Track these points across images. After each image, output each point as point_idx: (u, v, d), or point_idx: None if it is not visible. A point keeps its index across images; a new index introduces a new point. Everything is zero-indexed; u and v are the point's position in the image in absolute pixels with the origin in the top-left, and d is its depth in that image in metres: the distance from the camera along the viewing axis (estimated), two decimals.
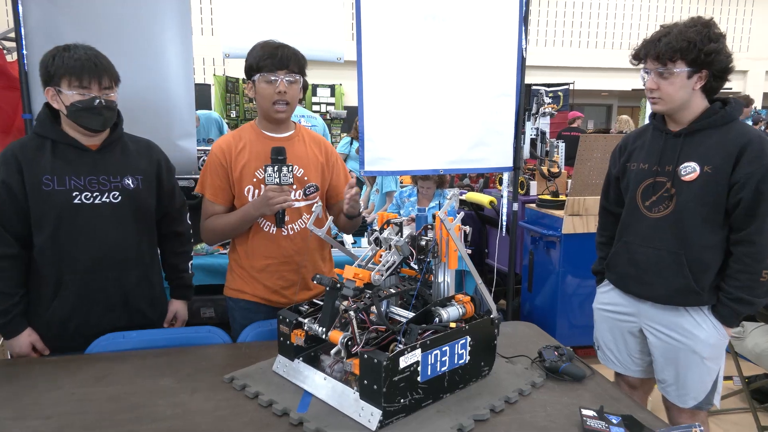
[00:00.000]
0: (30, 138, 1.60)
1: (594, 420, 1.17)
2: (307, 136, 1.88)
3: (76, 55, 1.53)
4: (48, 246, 1.56)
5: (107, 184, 1.62)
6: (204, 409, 1.23)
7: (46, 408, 1.23)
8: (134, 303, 1.69)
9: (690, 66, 1.56)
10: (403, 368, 1.16)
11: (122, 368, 1.43)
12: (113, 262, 1.63)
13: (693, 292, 1.64)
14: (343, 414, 1.19)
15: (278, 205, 1.63)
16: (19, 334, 1.56)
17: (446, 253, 1.36)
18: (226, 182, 1.76)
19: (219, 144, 1.80)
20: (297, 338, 1.35)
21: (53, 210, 1.55)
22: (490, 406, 1.25)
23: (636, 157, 1.77)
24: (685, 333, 1.67)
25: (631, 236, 1.76)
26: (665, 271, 1.67)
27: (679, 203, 1.64)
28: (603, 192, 1.96)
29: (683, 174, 1.63)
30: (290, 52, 1.72)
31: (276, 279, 1.80)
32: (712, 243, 1.63)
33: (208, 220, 1.79)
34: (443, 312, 1.30)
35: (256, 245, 1.79)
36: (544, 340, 1.65)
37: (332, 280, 1.27)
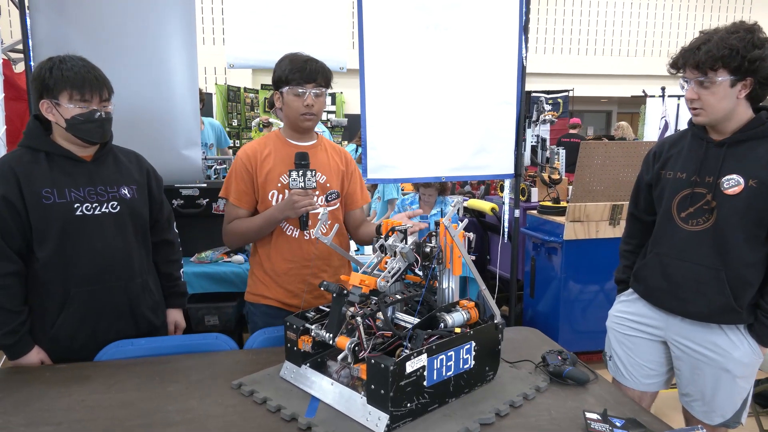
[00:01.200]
0: (22, 151, 1.57)
1: (598, 423, 1.18)
2: (328, 146, 1.96)
3: (75, 68, 1.52)
4: (53, 260, 1.56)
5: (105, 195, 1.63)
6: (213, 415, 1.25)
7: (57, 414, 1.25)
8: (139, 310, 1.71)
9: (733, 74, 1.47)
10: (410, 373, 1.17)
11: (131, 375, 1.44)
12: (118, 271, 1.64)
13: (732, 310, 1.56)
14: (351, 419, 1.21)
15: (303, 209, 1.68)
16: (28, 353, 1.56)
17: (450, 260, 1.38)
18: (250, 187, 1.82)
19: (245, 150, 1.85)
20: (304, 344, 1.37)
21: (56, 223, 1.55)
22: (495, 410, 1.26)
23: (672, 165, 1.69)
24: (719, 351, 1.61)
25: (665, 248, 1.68)
26: (704, 288, 1.59)
27: (721, 217, 1.55)
28: (632, 199, 1.88)
29: (726, 187, 1.54)
30: (318, 66, 1.79)
31: (297, 282, 1.84)
32: (754, 260, 1.55)
33: (231, 223, 1.84)
34: (448, 317, 1.32)
35: (278, 249, 1.84)
36: (548, 345, 1.66)
37: (339, 287, 1.29)
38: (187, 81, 2.70)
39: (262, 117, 6.41)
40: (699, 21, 11.15)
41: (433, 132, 2.84)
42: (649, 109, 6.77)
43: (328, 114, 10.21)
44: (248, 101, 8.62)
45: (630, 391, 1.83)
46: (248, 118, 8.75)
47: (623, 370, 1.85)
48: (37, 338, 1.59)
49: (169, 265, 1.88)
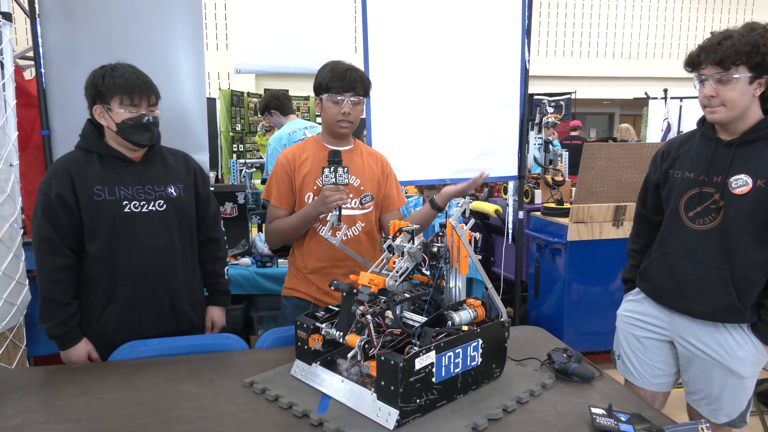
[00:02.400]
0: (77, 153, 1.68)
1: (603, 418, 1.21)
2: (364, 151, 2.02)
3: (125, 74, 1.62)
4: (102, 254, 1.63)
5: (152, 193, 1.70)
6: (227, 412, 1.28)
7: (75, 412, 1.28)
8: (181, 307, 1.76)
9: (752, 71, 1.48)
10: (419, 369, 1.20)
11: (145, 374, 1.48)
12: (162, 267, 1.71)
13: (737, 310, 1.58)
14: (361, 414, 1.24)
15: (335, 203, 1.71)
16: (77, 344, 1.63)
17: (457, 259, 1.41)
18: (289, 189, 1.90)
19: (285, 154, 1.93)
20: (314, 343, 1.40)
21: (106, 219, 1.63)
22: (502, 406, 1.29)
23: (680, 164, 1.70)
24: (724, 351, 1.62)
25: (671, 247, 1.70)
26: (709, 287, 1.61)
27: (728, 217, 1.56)
28: (640, 198, 1.89)
29: (734, 186, 1.55)
30: (357, 76, 1.84)
31: (328, 280, 1.86)
32: (760, 261, 1.56)
33: (272, 223, 1.92)
34: (455, 315, 1.35)
35: (311, 248, 1.91)
36: (553, 343, 1.69)
37: (349, 286, 1.32)
38: (194, 87, 2.73)
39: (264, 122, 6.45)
40: (701, 23, 11.18)
41: (438, 135, 2.88)
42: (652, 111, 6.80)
43: None
44: (252, 106, 8.68)
45: (642, 392, 1.84)
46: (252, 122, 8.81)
47: (632, 369, 1.87)
48: (85, 331, 1.66)
49: (214, 262, 1.93)
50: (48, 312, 1.61)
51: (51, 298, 1.61)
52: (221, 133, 7.59)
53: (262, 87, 9.59)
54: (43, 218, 1.60)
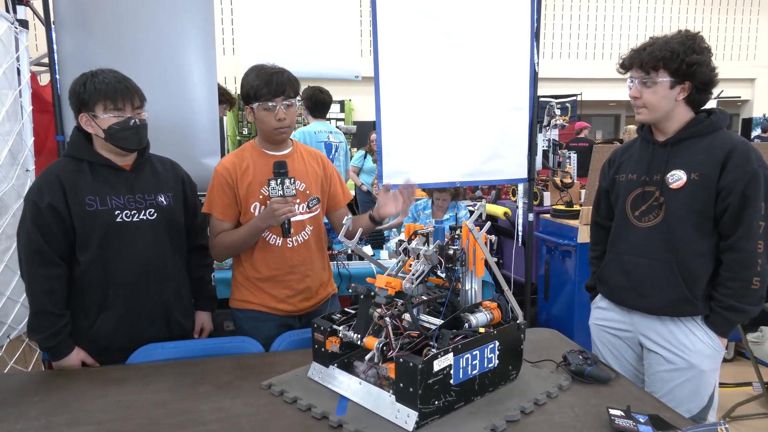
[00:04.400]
0: (66, 161, 1.65)
1: (622, 419, 1.21)
2: (304, 152, 1.96)
3: (105, 79, 1.59)
4: (94, 263, 1.62)
5: (143, 202, 1.69)
6: (246, 414, 1.29)
7: (95, 414, 1.29)
8: (173, 315, 1.77)
9: (672, 76, 1.58)
10: (437, 371, 1.21)
11: (163, 377, 1.49)
12: (154, 276, 1.70)
13: (687, 301, 1.63)
14: (380, 416, 1.25)
15: (283, 216, 1.68)
16: (69, 354, 1.62)
17: (473, 262, 1.42)
18: (233, 200, 1.82)
19: (223, 164, 1.84)
20: (332, 345, 1.41)
21: (98, 229, 1.62)
22: (520, 407, 1.29)
23: (624, 168, 1.79)
24: (681, 345, 1.65)
25: (623, 246, 1.76)
26: (659, 281, 1.66)
27: (669, 212, 1.65)
28: (594, 207, 1.97)
29: (671, 182, 1.64)
30: (284, 78, 1.77)
31: (282, 288, 1.86)
32: (703, 251, 1.63)
33: (217, 237, 1.83)
34: (472, 318, 1.35)
35: (261, 257, 1.84)
36: (567, 345, 1.69)
37: (368, 289, 1.33)
38: (206, 92, 2.76)
39: None
40: (706, 24, 11.14)
41: (447, 138, 2.89)
42: None
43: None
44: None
45: None
46: None
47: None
48: (77, 339, 1.65)
49: (201, 269, 1.94)
50: (40, 324, 1.59)
51: (43, 310, 1.58)
52: (228, 138, 7.62)
53: None
54: (34, 228, 1.56)
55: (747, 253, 1.56)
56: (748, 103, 11.78)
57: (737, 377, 3.28)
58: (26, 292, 1.61)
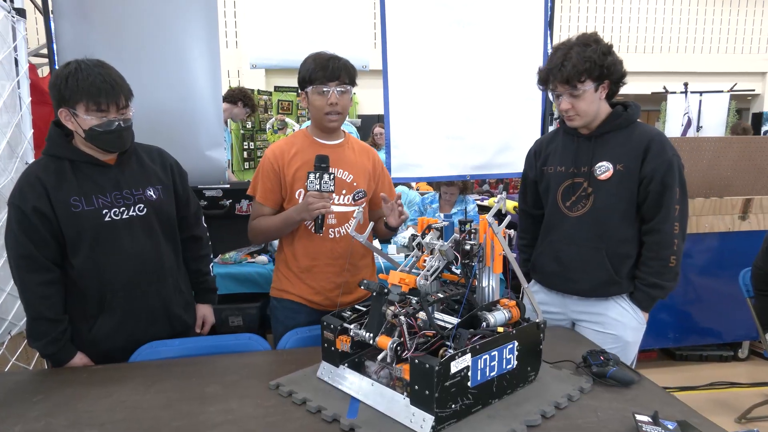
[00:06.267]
0: (46, 160, 1.55)
1: (650, 426, 1.15)
2: (356, 145, 1.95)
3: (90, 77, 1.46)
4: (87, 266, 1.55)
5: (131, 198, 1.61)
6: (255, 416, 1.23)
7: (99, 415, 1.24)
8: (173, 311, 1.71)
9: (595, 81, 1.69)
10: (454, 373, 1.15)
11: (168, 376, 1.44)
12: (150, 273, 1.64)
13: (614, 282, 1.77)
14: (394, 420, 1.19)
15: (317, 211, 1.67)
16: (71, 359, 1.57)
17: (491, 257, 1.36)
18: (276, 186, 1.83)
19: (272, 149, 1.86)
20: (342, 344, 1.35)
21: (87, 231, 1.54)
22: (540, 411, 1.23)
23: (552, 160, 1.88)
24: (609, 320, 1.81)
25: (556, 236, 1.86)
26: (588, 266, 1.79)
27: (597, 201, 1.76)
28: (521, 196, 2.06)
29: (599, 173, 1.75)
30: (341, 64, 1.78)
31: (320, 280, 1.85)
32: (629, 236, 1.76)
33: (255, 220, 1.85)
34: (490, 316, 1.29)
35: (302, 247, 1.85)
36: (586, 345, 1.63)
37: (380, 286, 1.27)
38: (209, 83, 2.70)
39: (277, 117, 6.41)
40: (718, 16, 10.97)
41: (458, 129, 2.82)
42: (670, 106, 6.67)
43: None
44: (262, 103, 8.64)
45: None
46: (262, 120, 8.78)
47: None
48: (76, 343, 1.59)
49: (198, 261, 1.87)
50: (38, 331, 1.53)
51: (40, 316, 1.52)
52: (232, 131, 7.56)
53: (272, 84, 9.55)
54: (21, 234, 1.48)
55: (665, 234, 1.71)
56: (758, 97, 11.61)
57: (753, 377, 3.22)
58: (20, 299, 1.54)
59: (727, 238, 3.30)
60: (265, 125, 8.80)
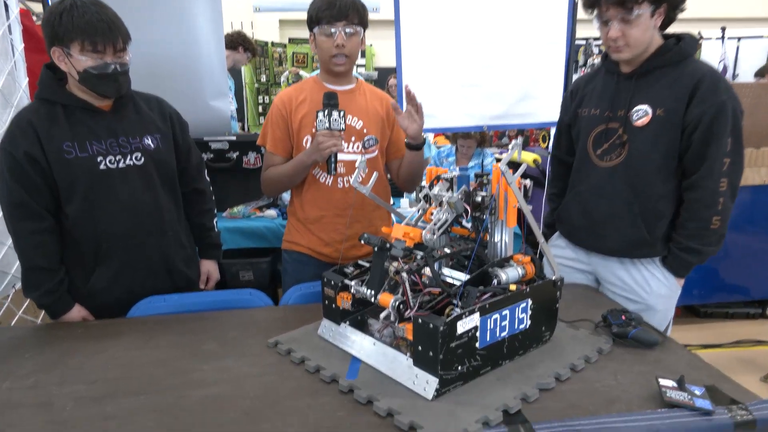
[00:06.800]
0: (38, 104, 1.48)
1: (674, 391, 1.05)
2: (368, 91, 1.84)
3: (86, 15, 1.37)
4: (81, 216, 1.50)
5: (128, 146, 1.54)
6: (250, 374, 1.17)
7: (91, 373, 1.19)
8: (174, 265, 1.66)
9: (653, 4, 1.47)
10: (461, 334, 1.06)
11: (165, 332, 1.38)
12: (148, 225, 1.58)
13: (646, 244, 1.60)
14: (396, 381, 1.11)
15: (327, 150, 1.59)
16: (69, 311, 1.53)
17: (504, 210, 1.24)
18: (285, 133, 1.76)
19: (281, 96, 1.78)
20: (343, 301, 1.27)
21: (81, 178, 1.47)
22: (554, 374, 1.15)
23: (587, 102, 1.70)
24: (637, 286, 1.64)
25: (583, 186, 1.70)
26: (618, 223, 1.62)
27: (632, 150, 1.57)
28: (554, 141, 1.90)
29: (635, 119, 1.55)
30: (349, 2, 1.65)
31: (330, 232, 1.79)
32: (665, 192, 1.57)
33: (267, 171, 1.80)
34: (502, 273, 1.19)
35: (311, 197, 1.79)
36: (606, 303, 1.53)
37: (381, 240, 1.17)
38: (212, 31, 2.56)
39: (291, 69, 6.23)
40: None
41: (474, 77, 2.64)
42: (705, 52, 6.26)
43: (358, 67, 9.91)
44: (276, 56, 8.42)
45: None
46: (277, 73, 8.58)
47: None
48: (74, 296, 1.55)
49: (202, 215, 1.81)
50: (34, 281, 1.49)
51: (35, 266, 1.48)
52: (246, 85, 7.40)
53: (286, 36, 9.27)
54: (13, 180, 1.43)
55: (708, 191, 1.50)
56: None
57: None
58: (15, 248, 1.49)
59: (761, 192, 3.11)
60: (279, 79, 8.61)
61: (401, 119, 1.67)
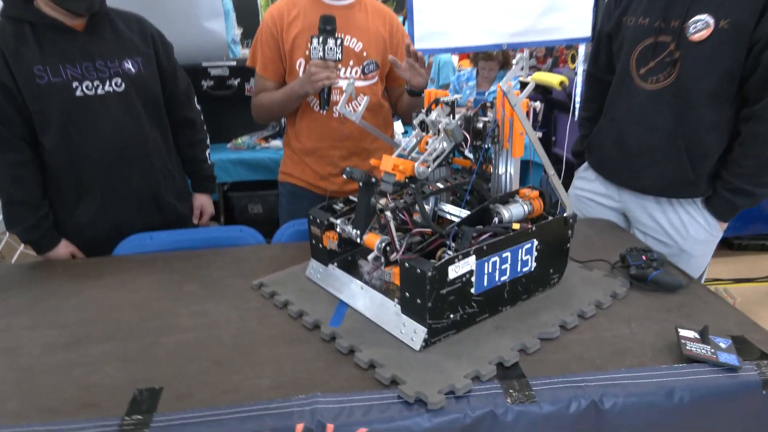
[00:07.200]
0: (2, 22, 1.34)
1: (696, 344, 0.93)
2: (370, 7, 1.64)
3: None
4: (59, 147, 1.40)
5: (106, 71, 1.41)
6: (229, 320, 1.09)
7: (65, 315, 1.13)
8: (163, 198, 1.58)
9: None
10: (453, 279, 0.94)
11: (147, 273, 1.31)
12: (133, 157, 1.48)
13: (688, 182, 1.39)
14: (383, 329, 1.02)
15: (320, 83, 1.44)
16: (55, 247, 1.46)
17: (510, 138, 1.08)
18: (276, 54, 1.60)
19: (270, 11, 1.60)
20: (330, 241, 1.16)
21: (55, 106, 1.36)
22: (560, 321, 1.03)
23: (634, 8, 1.43)
24: (673, 229, 1.46)
25: (620, 112, 1.48)
26: (658, 156, 1.42)
27: (684, 70, 1.32)
28: (592, 55, 1.65)
29: (692, 31, 1.29)
30: None
31: (325, 165, 1.67)
32: (718, 122, 1.35)
33: (257, 96, 1.66)
34: (504, 210, 1.05)
35: (305, 126, 1.66)
36: (628, 241, 1.38)
37: (365, 174, 1.03)
38: None
39: None
40: None
41: None
42: None
43: None
44: None
45: None
46: None
47: None
48: (60, 231, 1.49)
49: (192, 146, 1.70)
50: (15, 216, 1.42)
51: (14, 200, 1.40)
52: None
53: None
54: None
55: None
56: None
57: None
58: None
59: None
60: None
61: (402, 72, 1.50)
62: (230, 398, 0.86)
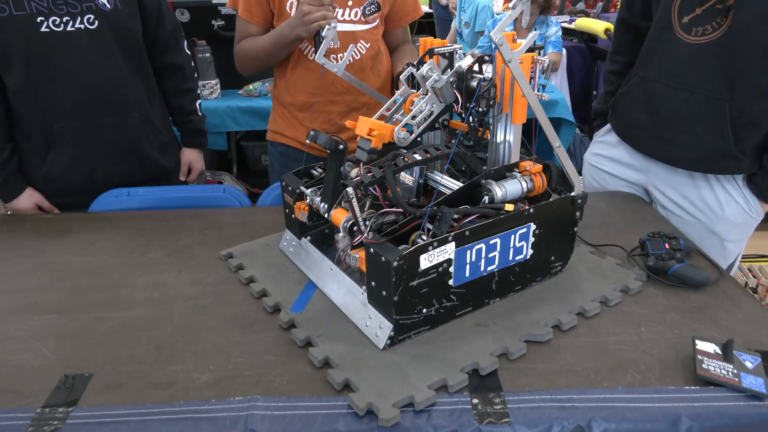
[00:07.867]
0: None
1: (715, 361, 0.76)
2: None
3: None
4: (24, 89, 1.30)
5: (77, 5, 1.28)
6: (185, 295, 0.99)
7: (17, 280, 1.06)
8: (143, 151, 1.47)
9: None
10: (427, 269, 0.80)
11: (114, 234, 1.22)
12: (108, 103, 1.37)
13: (730, 156, 1.19)
14: (348, 320, 0.89)
15: (315, 23, 1.28)
16: (19, 195, 1.39)
17: (510, 100, 0.90)
18: None
19: None
20: (300, 213, 1.02)
21: (18, 42, 1.25)
22: (554, 320, 0.88)
23: None
24: (707, 208, 1.27)
25: (655, 70, 1.25)
26: (697, 126, 1.20)
27: (738, 22, 1.09)
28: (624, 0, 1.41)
29: None
30: None
31: (321, 122, 1.51)
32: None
33: (240, 43, 1.48)
34: (497, 188, 0.88)
35: (298, 78, 1.48)
36: (653, 225, 1.19)
37: (332, 140, 0.88)
38: None
39: None
40: None
41: None
42: None
43: None
44: None
45: None
46: None
47: None
48: (30, 180, 1.41)
49: (181, 96, 1.57)
50: None
51: None
52: None
53: None
54: None
55: None
56: None
57: None
58: None
59: None
60: None
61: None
62: (161, 394, 0.76)
